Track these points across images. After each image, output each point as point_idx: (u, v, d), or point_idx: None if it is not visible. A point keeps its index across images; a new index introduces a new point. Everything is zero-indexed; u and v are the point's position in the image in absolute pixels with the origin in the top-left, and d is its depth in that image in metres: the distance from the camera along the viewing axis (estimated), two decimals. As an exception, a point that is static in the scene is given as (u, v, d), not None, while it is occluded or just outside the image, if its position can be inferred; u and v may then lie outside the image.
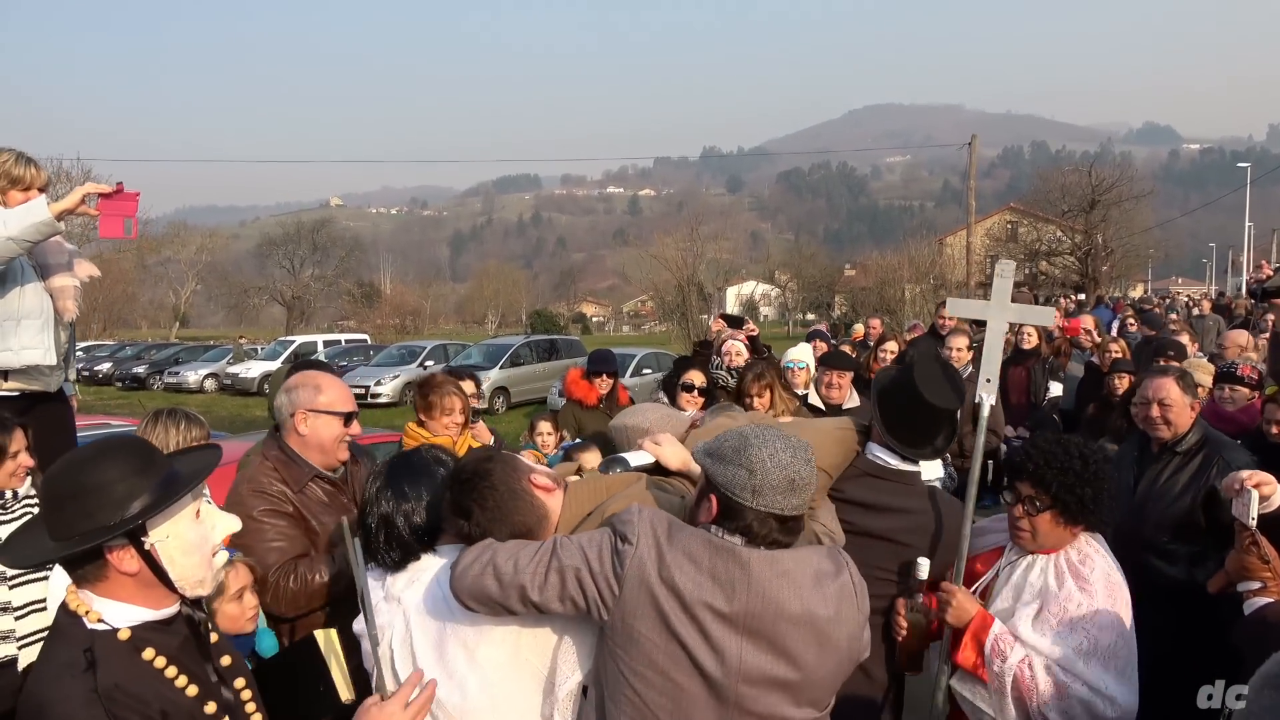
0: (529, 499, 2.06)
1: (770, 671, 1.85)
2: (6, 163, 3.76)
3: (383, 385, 22.19)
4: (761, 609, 1.84)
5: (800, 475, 1.90)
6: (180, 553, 1.71)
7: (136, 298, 58.69)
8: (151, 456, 1.73)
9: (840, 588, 1.93)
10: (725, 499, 1.92)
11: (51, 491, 1.67)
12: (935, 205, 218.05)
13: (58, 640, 1.67)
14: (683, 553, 1.86)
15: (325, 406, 2.87)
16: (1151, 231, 50.23)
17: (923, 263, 38.98)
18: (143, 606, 1.70)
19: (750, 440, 1.93)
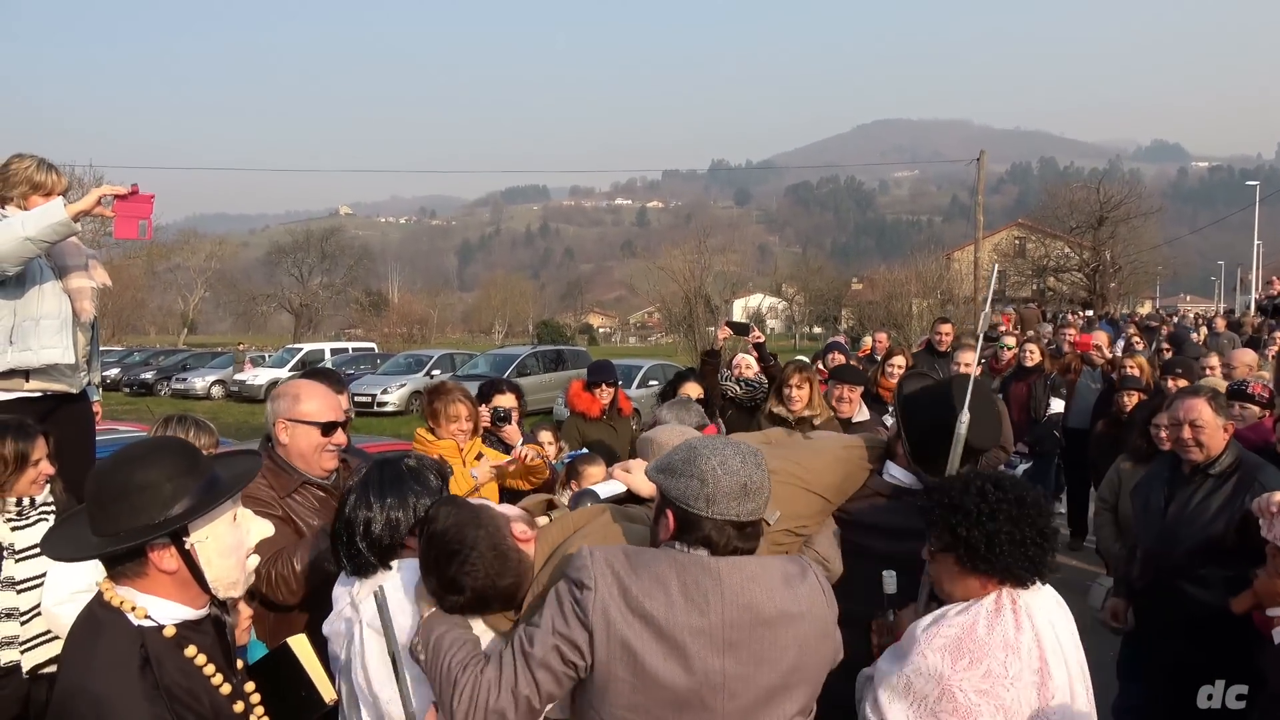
0: (515, 556, 2.01)
1: (755, 680, 1.85)
2: (29, 168, 3.83)
3: (389, 394, 22.24)
4: (737, 617, 1.84)
5: (752, 480, 1.90)
6: (218, 554, 1.76)
7: (145, 304, 58.89)
8: (196, 459, 1.78)
9: (809, 588, 1.94)
10: (681, 512, 1.91)
11: (100, 488, 1.70)
12: (943, 220, 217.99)
13: (103, 634, 1.69)
14: (650, 578, 1.85)
15: (303, 416, 2.87)
16: (1159, 249, 50.18)
17: (930, 277, 38.95)
18: (181, 604, 1.75)
19: (699, 450, 1.92)
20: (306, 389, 2.97)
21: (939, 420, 2.56)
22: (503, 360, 23.19)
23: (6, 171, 3.83)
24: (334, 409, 2.96)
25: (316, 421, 2.88)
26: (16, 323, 3.69)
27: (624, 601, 1.82)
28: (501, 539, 1.99)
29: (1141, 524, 3.88)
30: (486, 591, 1.96)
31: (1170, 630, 3.62)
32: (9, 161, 3.87)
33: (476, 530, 1.96)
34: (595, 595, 1.82)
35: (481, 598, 1.97)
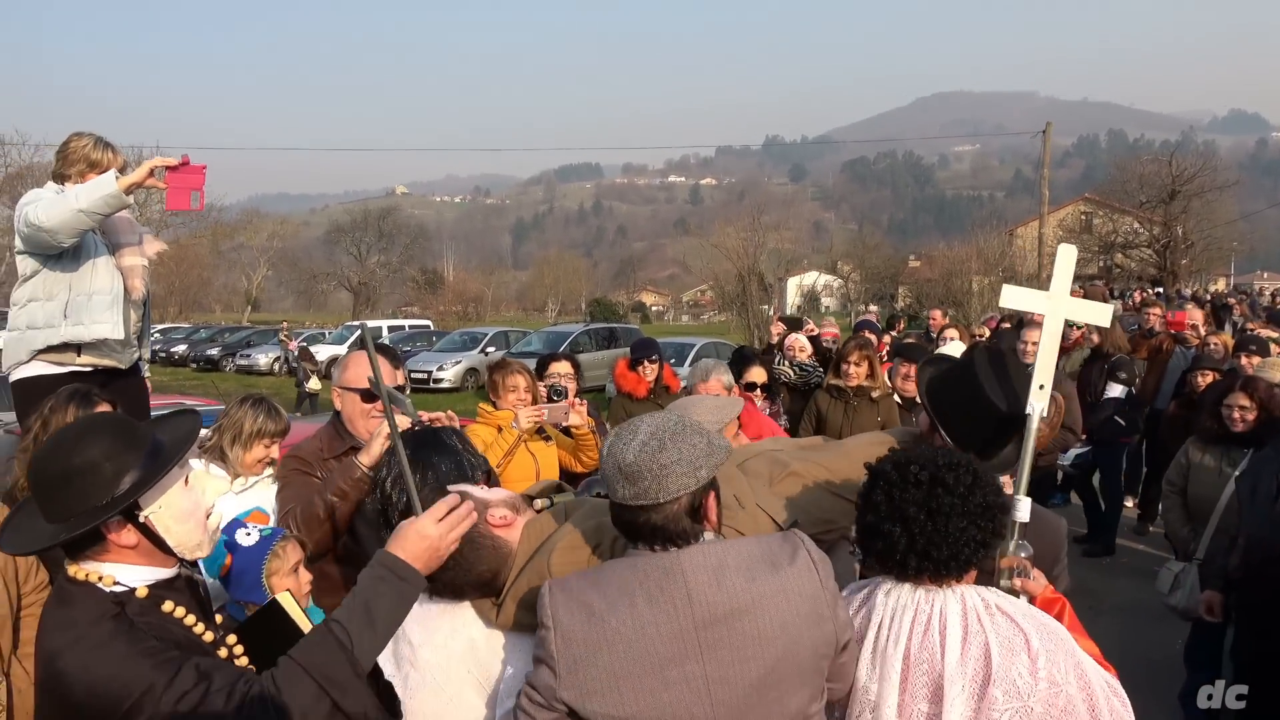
0: (489, 543, 1.93)
1: (740, 679, 1.69)
2: (85, 146, 3.90)
3: (445, 370, 22.51)
4: (708, 614, 1.69)
5: (627, 462, 1.71)
6: (175, 521, 1.76)
7: (211, 282, 60.58)
8: (134, 431, 1.76)
9: (799, 569, 1.75)
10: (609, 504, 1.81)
11: (41, 475, 1.69)
12: (1005, 195, 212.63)
13: (74, 607, 1.68)
14: (613, 594, 1.72)
15: (347, 383, 3.01)
16: (1235, 224, 48.31)
17: (991, 254, 38.03)
18: (150, 567, 1.76)
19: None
20: (354, 358, 3.08)
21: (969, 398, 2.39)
22: (556, 338, 23.27)
23: (66, 149, 3.92)
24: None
25: (356, 388, 2.98)
26: (71, 297, 3.78)
27: (587, 623, 1.70)
28: (473, 527, 1.91)
29: (1249, 511, 3.73)
30: (460, 580, 1.90)
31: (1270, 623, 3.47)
32: (68, 140, 3.96)
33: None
34: (554, 632, 1.70)
35: (454, 586, 1.91)
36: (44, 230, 3.51)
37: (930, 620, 1.83)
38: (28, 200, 3.69)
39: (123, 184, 3.49)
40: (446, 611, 1.96)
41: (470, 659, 1.91)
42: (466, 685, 1.90)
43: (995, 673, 1.73)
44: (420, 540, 1.78)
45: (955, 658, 1.77)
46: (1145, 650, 5.61)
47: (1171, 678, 4.95)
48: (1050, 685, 1.72)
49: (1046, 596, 2.07)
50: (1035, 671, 1.72)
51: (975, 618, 1.81)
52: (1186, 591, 4.41)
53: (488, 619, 1.94)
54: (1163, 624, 5.64)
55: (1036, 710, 1.71)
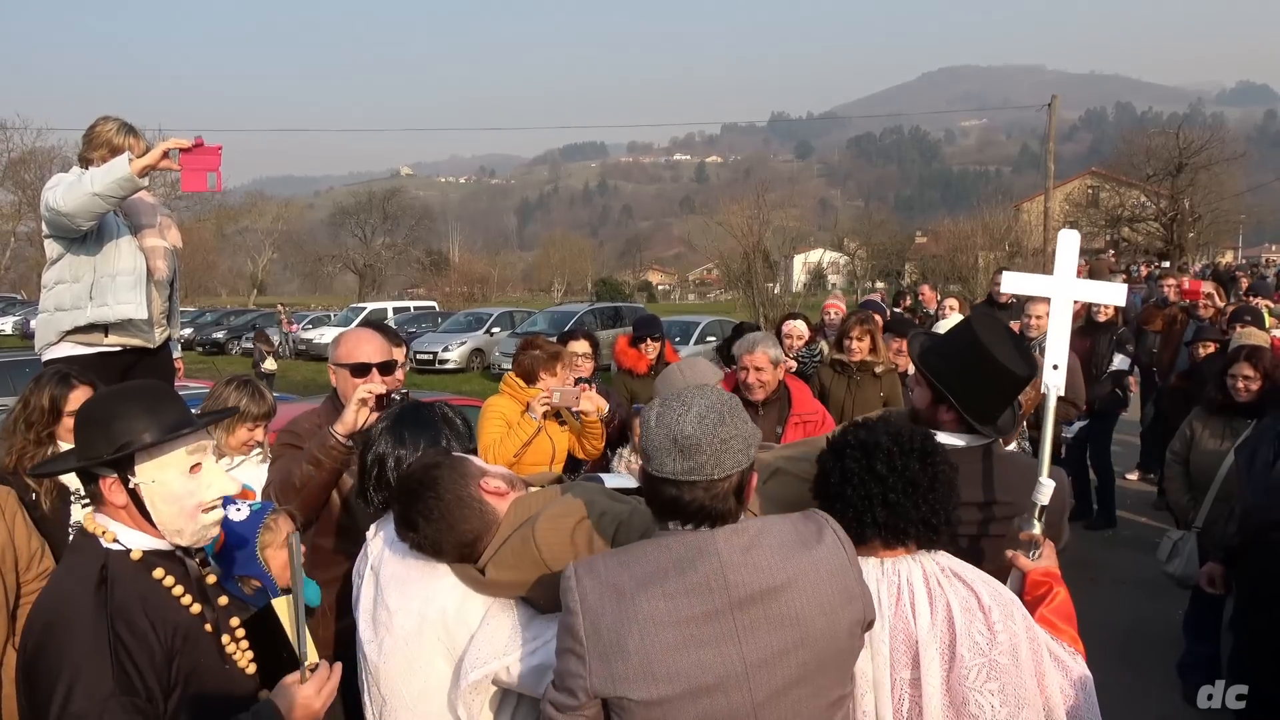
0: (476, 506, 1.95)
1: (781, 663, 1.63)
2: (109, 131, 3.94)
3: (450, 351, 22.56)
4: (746, 595, 1.63)
5: (685, 434, 1.63)
6: (162, 500, 1.83)
7: (216, 266, 60.63)
8: (161, 405, 1.85)
9: (828, 547, 1.72)
10: (644, 478, 1.72)
11: (78, 417, 1.89)
12: (1012, 170, 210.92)
13: (74, 555, 1.83)
14: (646, 570, 1.65)
15: (339, 359, 3.03)
16: (1243, 197, 47.81)
17: (997, 229, 37.86)
18: (146, 534, 1.85)
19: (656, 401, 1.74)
20: (347, 335, 3.11)
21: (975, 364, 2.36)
22: (561, 317, 23.29)
23: (91, 134, 3.96)
24: (365, 353, 3.04)
25: (345, 364, 3.00)
26: (96, 279, 3.84)
27: (617, 606, 1.63)
28: (464, 487, 1.95)
29: (1246, 479, 3.75)
30: (440, 537, 1.92)
31: (1266, 591, 3.49)
32: (94, 124, 4.00)
33: (440, 473, 1.96)
34: (581, 618, 1.63)
35: (434, 543, 1.93)
36: (62, 214, 3.56)
37: (900, 589, 1.87)
38: (50, 185, 3.74)
39: (136, 166, 3.50)
40: (424, 578, 1.98)
41: (440, 627, 1.93)
42: (436, 653, 1.93)
43: (959, 633, 1.81)
44: (303, 709, 1.80)
45: (926, 622, 1.83)
46: (1144, 622, 5.65)
47: (1169, 649, 4.99)
48: (1009, 637, 1.82)
49: (1037, 576, 2.11)
50: (991, 626, 1.82)
51: (936, 582, 1.88)
52: (1184, 559, 4.43)
53: (471, 581, 1.95)
54: (1162, 596, 5.67)
55: (1001, 662, 1.80)
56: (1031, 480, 2.32)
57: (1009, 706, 1.79)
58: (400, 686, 1.96)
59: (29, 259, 38.43)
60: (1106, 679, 4.98)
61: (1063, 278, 2.45)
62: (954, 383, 2.38)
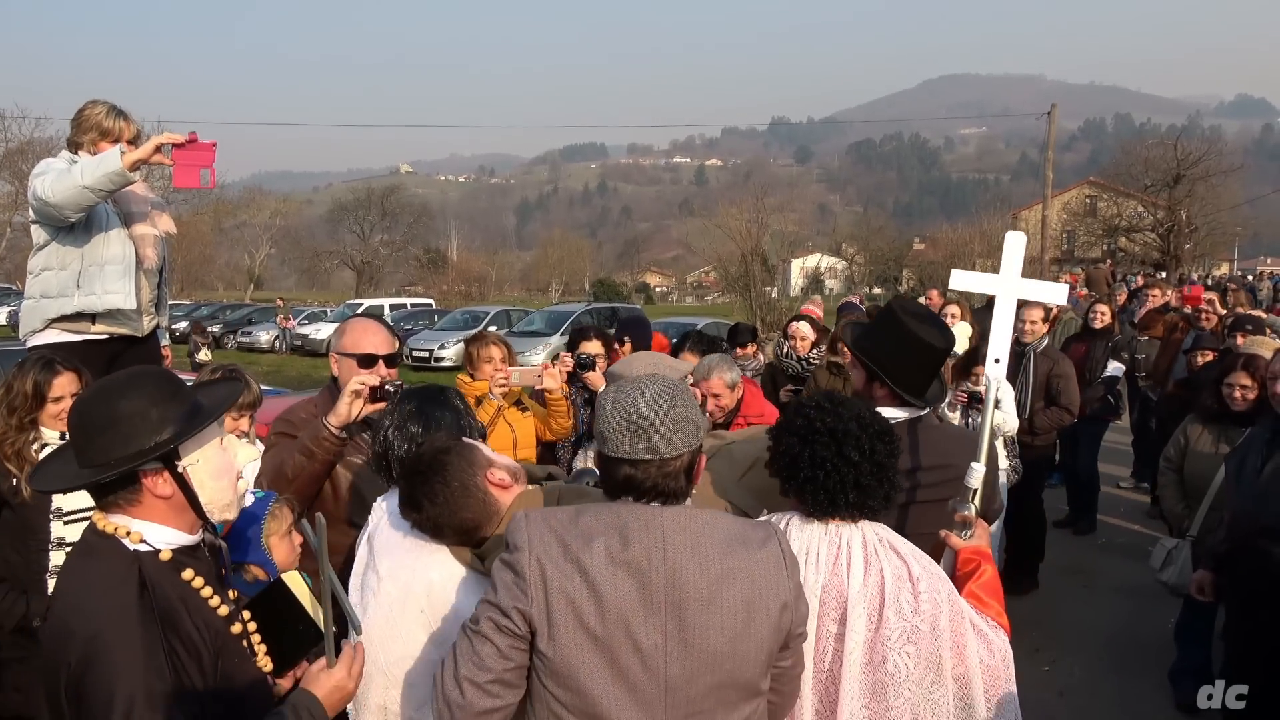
0: (480, 495, 2.01)
1: (700, 645, 1.70)
2: (99, 114, 3.90)
3: (446, 349, 22.51)
4: (681, 574, 1.71)
5: (640, 414, 1.73)
6: (210, 477, 1.76)
7: (213, 260, 60.46)
8: (178, 386, 1.77)
9: (768, 556, 1.78)
10: (600, 460, 1.83)
11: (85, 420, 1.69)
12: (1011, 179, 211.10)
13: (98, 560, 1.67)
14: (588, 529, 1.74)
15: (344, 349, 2.97)
16: (1239, 209, 48.05)
17: (995, 236, 37.90)
18: (175, 529, 1.74)
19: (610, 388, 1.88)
20: (352, 324, 3.07)
21: (899, 343, 2.58)
22: (558, 317, 23.27)
23: (80, 117, 3.91)
24: (370, 343, 3.00)
25: (352, 354, 2.95)
26: (83, 267, 3.80)
27: (562, 555, 1.71)
28: (471, 476, 2.01)
29: (1234, 486, 3.72)
30: (441, 519, 1.99)
31: (1255, 597, 3.47)
32: (83, 107, 3.95)
33: (450, 459, 2.02)
34: (528, 554, 1.71)
35: (435, 523, 1.99)
36: (50, 205, 3.52)
37: (839, 550, 2.04)
38: (39, 171, 3.69)
39: (127, 160, 3.46)
40: (416, 550, 2.04)
41: (425, 599, 2.00)
42: (417, 624, 2.01)
43: (888, 597, 1.97)
44: (337, 692, 1.78)
45: (859, 584, 1.99)
46: (1137, 629, 5.63)
47: (1161, 656, 4.98)
48: (931, 607, 1.98)
49: (968, 554, 2.24)
50: (918, 596, 1.98)
51: (874, 550, 2.04)
52: (1178, 568, 4.42)
53: (466, 565, 2.02)
54: (1155, 604, 5.66)
55: (922, 629, 1.97)
56: (963, 445, 2.53)
57: (921, 669, 1.96)
58: (378, 652, 2.00)
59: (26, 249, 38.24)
60: (1098, 685, 5.00)
61: (1008, 277, 2.59)
62: (884, 361, 2.60)
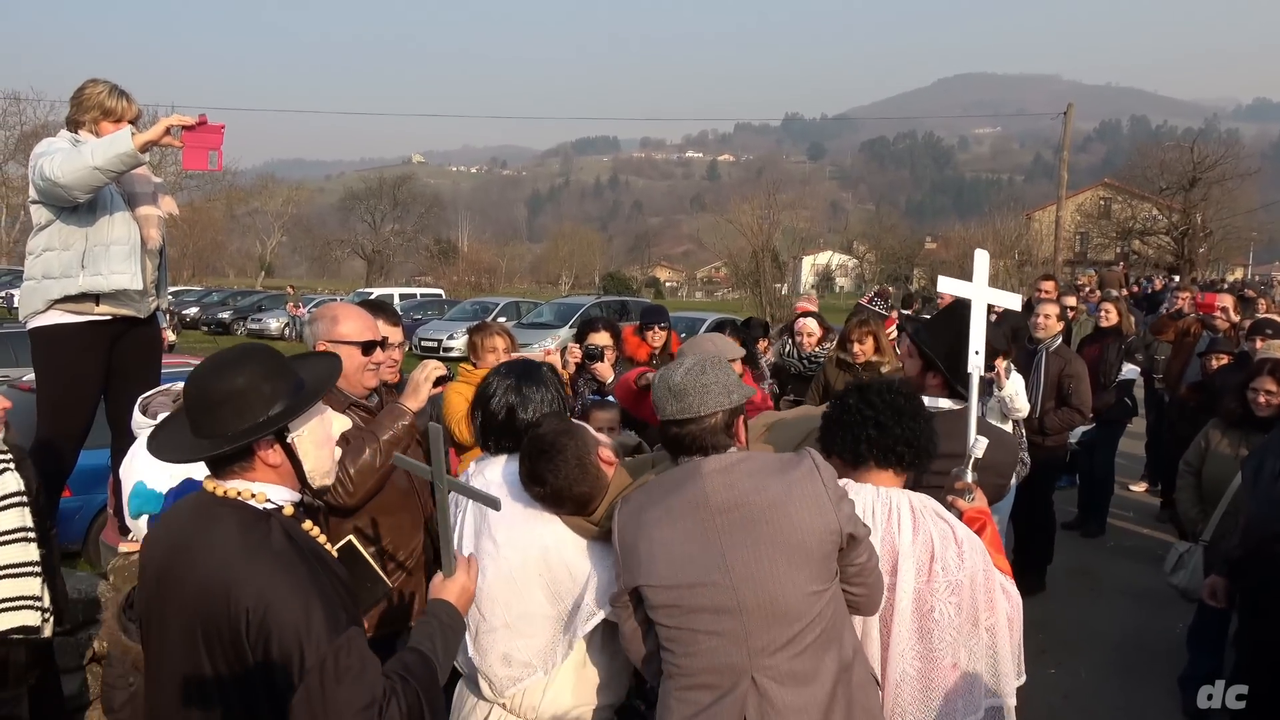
0: (594, 471, 2.30)
1: (756, 560, 2.04)
2: (101, 94, 3.87)
3: (455, 339, 22.55)
4: (724, 504, 2.08)
5: (675, 382, 2.16)
6: (314, 446, 1.91)
7: (225, 246, 60.70)
8: (284, 362, 1.91)
9: (803, 471, 2.11)
10: (659, 427, 2.24)
11: (203, 394, 1.82)
12: (1025, 179, 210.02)
13: (231, 520, 1.78)
14: (657, 492, 2.18)
15: (343, 337, 2.91)
16: (1255, 213, 47.64)
17: (1008, 236, 37.75)
18: (289, 489, 1.91)
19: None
20: (343, 311, 3.00)
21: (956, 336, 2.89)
22: (567, 309, 23.26)
23: (81, 96, 3.88)
24: (371, 329, 2.98)
25: (356, 341, 2.90)
26: (88, 248, 3.77)
27: (637, 518, 2.16)
28: (587, 453, 2.30)
29: (1251, 491, 3.66)
30: (562, 491, 2.27)
31: (1268, 603, 3.42)
32: (83, 86, 3.92)
33: (569, 440, 2.29)
34: (616, 533, 2.18)
35: (557, 494, 2.28)
36: (59, 185, 3.50)
37: (890, 510, 2.33)
38: (42, 151, 3.66)
39: (138, 141, 3.46)
40: (530, 520, 2.35)
41: (541, 563, 2.32)
42: (535, 584, 2.33)
43: (936, 554, 2.28)
44: (464, 594, 2.06)
45: (909, 541, 2.29)
46: (1144, 633, 5.58)
47: (1170, 661, 4.93)
48: (971, 566, 2.30)
49: (972, 514, 2.52)
50: (961, 556, 2.30)
51: (920, 514, 2.34)
52: (1189, 572, 4.37)
53: (582, 531, 2.35)
54: (1164, 608, 5.61)
55: (964, 583, 2.28)
56: (1001, 443, 2.90)
57: (961, 618, 2.29)
58: (500, 609, 2.32)
59: (38, 232, 38.33)
60: (1106, 689, 4.96)
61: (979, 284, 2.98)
62: (941, 352, 2.93)
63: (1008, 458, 3.00)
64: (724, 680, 2.05)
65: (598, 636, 2.37)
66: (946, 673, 2.27)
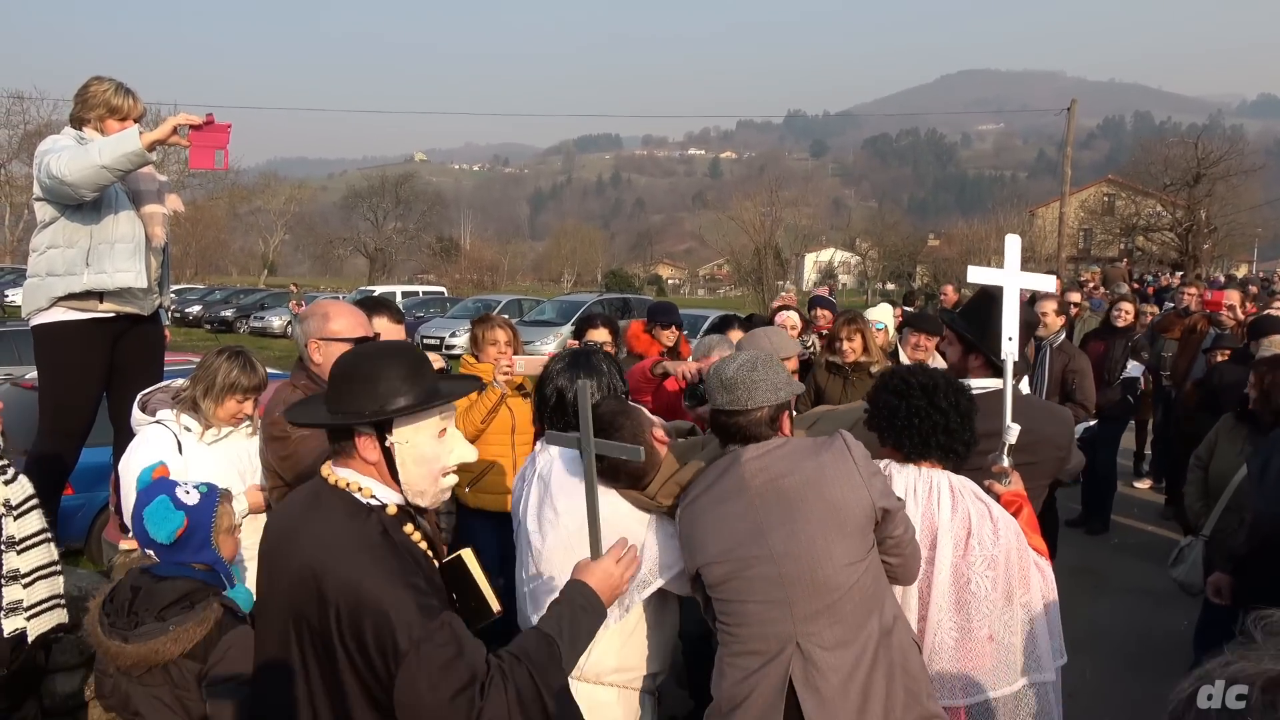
0: (649, 449, 2.43)
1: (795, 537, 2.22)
2: (106, 92, 3.87)
3: (457, 337, 22.54)
4: (763, 487, 2.27)
5: (727, 376, 2.35)
6: (413, 461, 1.86)
7: (228, 245, 60.72)
8: (422, 369, 1.89)
9: (835, 453, 2.29)
10: (710, 416, 2.45)
11: (336, 371, 1.88)
12: (1028, 176, 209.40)
13: (336, 511, 1.82)
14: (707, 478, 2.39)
15: (334, 334, 2.88)
16: (1260, 209, 47.50)
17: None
18: (394, 490, 1.88)
19: None
20: (334, 308, 2.97)
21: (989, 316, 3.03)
22: (569, 307, 23.24)
23: (85, 93, 3.88)
24: (363, 325, 2.95)
25: (348, 338, 2.86)
26: (92, 245, 3.78)
27: (691, 509, 2.38)
28: (641, 431, 2.47)
29: (1258, 488, 3.62)
30: (618, 466, 2.40)
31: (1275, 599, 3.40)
32: (88, 83, 3.92)
33: (625, 419, 2.47)
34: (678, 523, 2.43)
35: (613, 469, 2.41)
36: (66, 184, 3.51)
37: (930, 489, 2.51)
38: (47, 149, 3.66)
39: (146, 140, 3.47)
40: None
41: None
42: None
43: (973, 530, 2.45)
44: (606, 579, 2.02)
45: (948, 516, 2.46)
46: (1148, 631, 5.56)
47: (1176, 659, 4.91)
48: (1006, 543, 2.47)
49: (1009, 497, 2.65)
50: (996, 533, 2.47)
51: (958, 493, 2.50)
52: (1189, 565, 4.34)
53: (638, 503, 2.53)
54: (1168, 606, 5.59)
55: (999, 558, 2.45)
56: (1047, 414, 3.11)
57: (997, 592, 2.45)
58: (557, 572, 2.44)
59: (42, 231, 38.37)
60: (1111, 688, 4.94)
61: (1010, 271, 3.10)
62: (979, 334, 3.07)
63: (1061, 428, 3.11)
64: (771, 646, 2.24)
65: (650, 608, 2.56)
66: (983, 644, 2.44)
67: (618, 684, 2.55)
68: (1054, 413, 3.23)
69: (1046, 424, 3.00)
